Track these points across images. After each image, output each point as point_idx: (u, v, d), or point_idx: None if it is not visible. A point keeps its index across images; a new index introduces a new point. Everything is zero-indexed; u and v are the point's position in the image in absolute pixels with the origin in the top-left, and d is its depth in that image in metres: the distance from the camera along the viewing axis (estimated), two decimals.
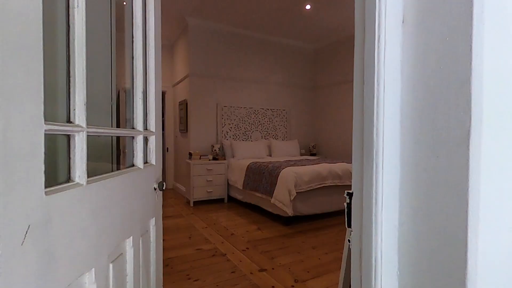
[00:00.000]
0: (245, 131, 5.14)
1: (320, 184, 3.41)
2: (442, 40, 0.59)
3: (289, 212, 3.16)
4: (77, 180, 0.66)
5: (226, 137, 4.94)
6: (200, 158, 4.44)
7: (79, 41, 0.66)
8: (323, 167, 3.56)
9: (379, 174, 0.66)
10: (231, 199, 4.61)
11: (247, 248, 2.70)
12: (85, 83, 0.68)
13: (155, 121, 1.20)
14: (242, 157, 4.55)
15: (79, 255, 0.65)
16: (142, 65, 1.08)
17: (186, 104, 4.82)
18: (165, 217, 3.76)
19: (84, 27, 0.67)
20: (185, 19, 4.59)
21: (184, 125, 4.93)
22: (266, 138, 5.35)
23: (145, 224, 1.12)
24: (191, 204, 4.34)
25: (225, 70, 4.98)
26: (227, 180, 4.55)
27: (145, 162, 1.16)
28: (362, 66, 0.70)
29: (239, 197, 4.30)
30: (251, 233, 3.14)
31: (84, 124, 0.68)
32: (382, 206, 0.66)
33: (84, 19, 0.67)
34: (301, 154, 5.50)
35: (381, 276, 0.66)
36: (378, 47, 0.65)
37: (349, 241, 0.75)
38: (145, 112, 1.15)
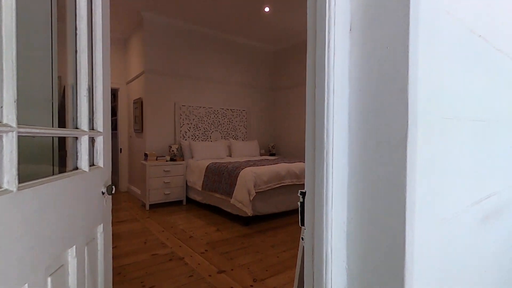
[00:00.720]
0: (204, 131, 5.05)
1: (279, 183, 3.48)
2: (383, 49, 0.64)
3: (249, 212, 3.18)
4: (5, 186, 0.58)
5: (184, 137, 4.81)
6: (156, 159, 4.26)
7: (8, 29, 0.59)
8: (281, 167, 3.64)
9: (329, 174, 0.69)
10: (190, 201, 4.50)
11: (206, 250, 2.66)
12: (15, 78, 0.60)
13: (103, 120, 1.11)
14: (201, 158, 4.46)
15: (8, 270, 0.58)
16: (87, 60, 1.00)
17: (142, 102, 4.59)
18: (118, 222, 3.54)
19: (14, 13, 0.60)
20: (140, 13, 4.37)
21: (139, 125, 4.69)
22: (226, 138, 5.32)
23: (91, 231, 1.03)
24: (147, 208, 4.15)
25: (184, 68, 4.85)
26: (186, 181, 4.43)
27: (91, 164, 1.07)
28: (314, 70, 0.72)
29: (198, 198, 4.21)
30: (210, 234, 3.09)
31: (14, 124, 0.60)
32: (332, 204, 0.69)
33: (14, 4, 0.60)
34: (261, 154, 5.57)
35: (331, 270, 0.69)
36: (328, 52, 0.68)
37: (302, 238, 0.78)
38: (91, 110, 1.06)
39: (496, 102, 1.06)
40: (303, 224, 0.78)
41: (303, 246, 0.83)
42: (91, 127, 1.06)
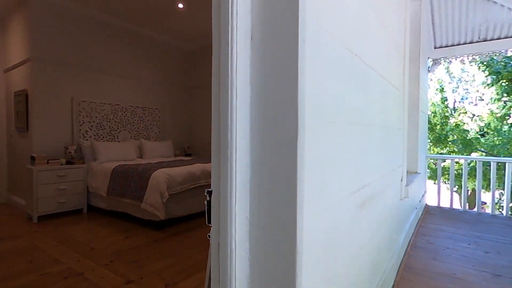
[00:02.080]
0: (110, 131, 4.56)
1: (194, 184, 3.44)
2: (279, 59, 0.72)
3: (161, 215, 3.03)
4: None
5: (85, 137, 4.24)
6: (48, 163, 3.62)
7: None
8: (197, 167, 3.60)
9: (233, 172, 0.73)
10: (92, 208, 3.99)
11: (112, 261, 2.41)
12: None
13: None
14: (107, 160, 4.02)
15: None
16: None
17: (27, 95, 3.83)
18: None
19: None
20: None
21: (23, 122, 3.90)
22: (136, 138, 4.93)
23: None
24: (35, 220, 3.49)
25: (85, 60, 4.26)
26: (87, 187, 3.91)
27: None
28: (219, 75, 0.76)
29: (102, 205, 3.78)
30: (117, 244, 2.82)
31: None
32: (235, 201, 0.74)
33: None
34: (176, 155, 5.37)
35: (235, 263, 0.74)
36: (231, 57, 0.72)
37: (209, 236, 0.80)
38: None
39: (369, 109, 1.30)
40: (210, 222, 0.80)
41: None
42: None
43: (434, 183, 3.96)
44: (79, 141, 4.13)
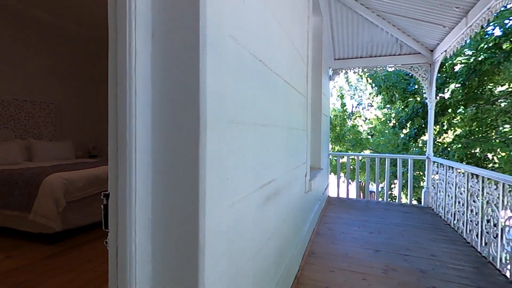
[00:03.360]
0: None
1: (99, 189, 3.09)
2: (181, 58, 0.72)
3: (57, 227, 2.63)
4: None
5: None
6: None
7: None
8: (102, 170, 3.24)
9: (132, 173, 0.70)
10: None
11: None
12: None
13: None
14: None
15: None
16: None
17: None
18: None
19: None
20: None
21: None
22: (23, 137, 4.13)
23: None
24: None
25: None
26: None
27: None
28: (116, 70, 0.71)
29: None
30: None
31: None
32: (135, 202, 0.71)
33: None
34: (77, 157, 4.72)
35: (135, 267, 0.71)
36: (129, 53, 0.69)
37: (106, 242, 0.75)
38: None
39: (274, 111, 1.42)
40: (107, 227, 0.75)
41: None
42: None
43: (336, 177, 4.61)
44: None
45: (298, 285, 1.92)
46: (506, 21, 5.71)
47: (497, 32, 6.04)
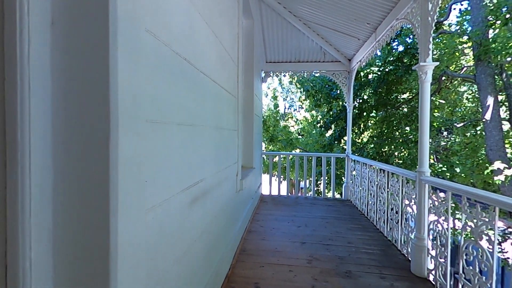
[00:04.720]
0: None
1: None
2: (88, 52, 0.66)
3: None
4: None
5: None
6: None
7: None
8: None
9: (25, 178, 0.61)
10: None
11: None
12: None
13: None
14: None
15: None
16: None
17: None
18: None
19: None
20: None
21: None
22: None
23: None
24: None
25: None
26: None
27: None
28: (3, 59, 0.61)
29: None
30: None
31: None
32: (30, 212, 0.62)
33: None
34: None
35: (31, 286, 0.62)
36: (21, 42, 0.60)
37: None
38: None
39: (201, 111, 1.40)
40: None
41: None
42: None
43: (268, 175, 4.81)
44: None
45: (229, 283, 1.94)
46: (408, 39, 6.76)
47: (401, 48, 7.11)
